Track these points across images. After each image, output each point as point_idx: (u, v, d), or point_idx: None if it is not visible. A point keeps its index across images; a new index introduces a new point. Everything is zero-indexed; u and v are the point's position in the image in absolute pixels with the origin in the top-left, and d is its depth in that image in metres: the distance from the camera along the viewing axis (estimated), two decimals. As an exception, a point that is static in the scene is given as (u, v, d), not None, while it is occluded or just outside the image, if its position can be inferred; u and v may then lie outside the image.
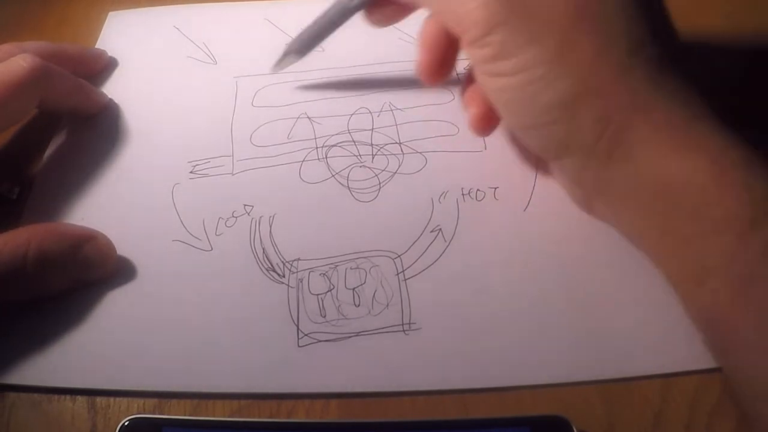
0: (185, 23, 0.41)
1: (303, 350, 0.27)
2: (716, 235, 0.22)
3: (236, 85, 0.37)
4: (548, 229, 0.30)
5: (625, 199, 0.25)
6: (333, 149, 0.34)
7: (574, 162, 0.26)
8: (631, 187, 0.24)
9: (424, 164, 0.33)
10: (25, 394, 0.26)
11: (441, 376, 0.26)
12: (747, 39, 0.39)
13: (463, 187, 0.32)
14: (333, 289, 0.29)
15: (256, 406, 0.26)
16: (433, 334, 0.27)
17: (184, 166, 0.33)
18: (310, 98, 0.36)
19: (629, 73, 0.24)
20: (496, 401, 0.26)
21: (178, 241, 0.30)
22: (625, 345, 0.27)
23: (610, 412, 0.25)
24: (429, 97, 0.36)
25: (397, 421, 0.25)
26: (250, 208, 0.31)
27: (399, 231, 0.30)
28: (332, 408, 0.26)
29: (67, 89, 0.33)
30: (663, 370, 0.26)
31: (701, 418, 0.25)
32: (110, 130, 0.35)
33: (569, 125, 0.24)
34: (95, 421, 0.25)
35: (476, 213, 0.31)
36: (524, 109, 0.25)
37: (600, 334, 0.27)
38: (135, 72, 0.38)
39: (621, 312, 0.28)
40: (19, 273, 0.26)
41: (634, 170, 0.24)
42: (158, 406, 0.26)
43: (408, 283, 0.29)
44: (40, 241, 0.26)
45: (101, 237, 0.28)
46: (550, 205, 0.31)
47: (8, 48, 0.32)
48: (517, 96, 0.25)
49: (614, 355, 0.26)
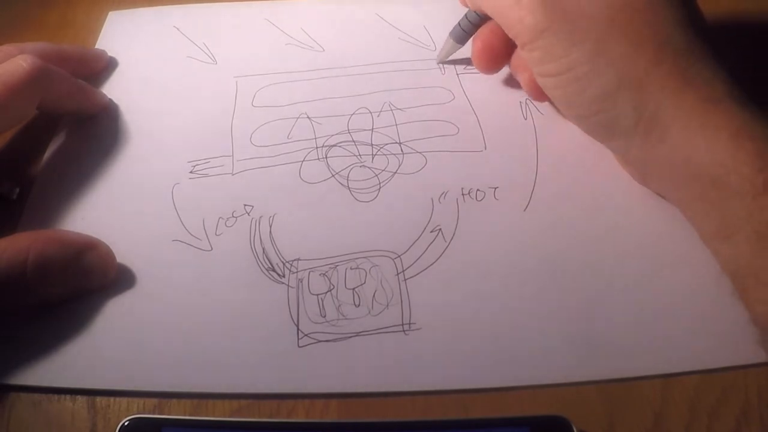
0: (185, 23, 0.41)
1: (303, 350, 0.27)
2: (736, 198, 0.26)
3: (236, 85, 0.37)
4: (548, 229, 0.30)
5: (664, 172, 0.29)
6: (333, 149, 0.34)
7: (620, 144, 0.30)
8: (667, 162, 0.28)
9: (424, 164, 0.33)
10: (25, 394, 0.26)
11: (441, 376, 0.26)
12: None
13: (463, 187, 0.32)
14: (333, 289, 0.29)
15: (256, 406, 0.26)
16: (433, 334, 0.27)
17: (184, 166, 0.33)
18: (310, 98, 0.36)
19: (659, 66, 0.27)
20: (496, 401, 0.26)
21: (178, 241, 0.30)
22: (625, 345, 0.27)
23: (610, 412, 0.25)
24: (429, 97, 0.36)
25: (397, 421, 0.25)
26: (250, 208, 0.31)
27: (399, 231, 0.30)
28: (332, 408, 0.26)
29: (67, 90, 0.33)
30: (663, 370, 0.26)
31: (701, 418, 0.25)
32: (110, 130, 0.35)
33: (612, 114, 0.28)
34: (95, 421, 0.25)
35: (476, 213, 0.31)
36: (573, 103, 0.30)
37: (600, 334, 0.27)
38: (135, 72, 0.38)
39: (621, 312, 0.28)
40: (18, 279, 0.25)
41: (669, 148, 0.27)
42: (158, 406, 0.26)
43: (408, 283, 0.29)
44: (41, 248, 0.26)
45: (102, 246, 0.28)
46: (550, 205, 0.31)
47: (8, 49, 0.32)
48: (566, 92, 0.29)
49: (614, 355, 0.26)
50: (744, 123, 0.26)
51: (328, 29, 0.40)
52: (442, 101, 0.36)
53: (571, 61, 0.28)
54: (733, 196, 0.26)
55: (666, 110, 0.27)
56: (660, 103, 0.27)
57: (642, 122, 0.28)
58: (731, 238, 0.26)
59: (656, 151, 0.28)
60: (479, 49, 0.34)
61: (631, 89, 0.27)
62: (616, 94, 0.28)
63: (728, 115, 0.26)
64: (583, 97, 0.29)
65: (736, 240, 0.26)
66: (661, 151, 0.28)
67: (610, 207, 0.31)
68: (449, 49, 0.37)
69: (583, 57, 0.28)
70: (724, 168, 0.26)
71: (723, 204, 0.26)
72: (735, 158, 0.26)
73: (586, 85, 0.28)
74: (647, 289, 0.28)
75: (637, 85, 0.27)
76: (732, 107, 0.27)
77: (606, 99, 0.28)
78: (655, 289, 0.28)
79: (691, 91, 0.27)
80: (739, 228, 0.26)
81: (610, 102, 0.28)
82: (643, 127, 0.28)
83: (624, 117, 0.28)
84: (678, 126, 0.27)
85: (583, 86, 0.28)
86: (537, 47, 0.29)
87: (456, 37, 0.36)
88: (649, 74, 0.27)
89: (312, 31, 0.40)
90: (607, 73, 0.28)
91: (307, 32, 0.40)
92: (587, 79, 0.28)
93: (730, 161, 0.26)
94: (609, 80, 0.28)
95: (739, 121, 0.26)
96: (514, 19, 0.29)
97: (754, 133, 0.26)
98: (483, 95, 0.36)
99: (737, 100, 0.27)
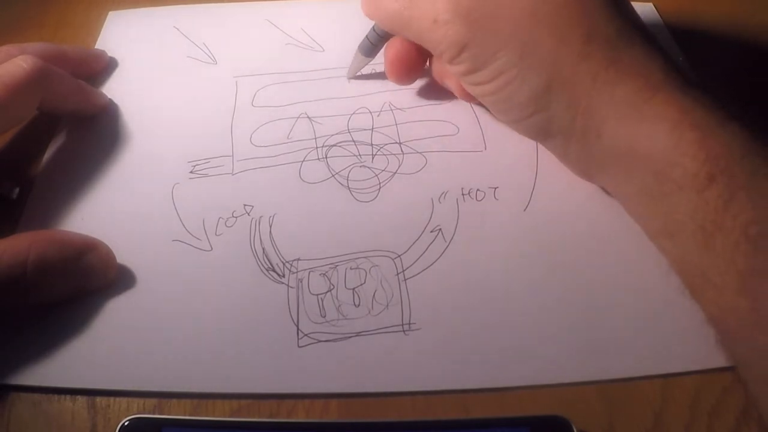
0: (185, 23, 0.41)
1: (303, 350, 0.27)
2: (679, 193, 0.25)
3: (236, 85, 0.37)
4: (548, 229, 0.30)
5: (606, 168, 0.28)
6: (333, 149, 0.34)
7: (558, 144, 0.29)
8: (608, 158, 0.27)
9: (424, 164, 0.33)
10: (25, 394, 0.26)
11: (441, 376, 0.26)
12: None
13: (463, 187, 0.32)
14: (333, 289, 0.29)
15: (256, 406, 0.26)
16: (433, 334, 0.27)
17: (184, 166, 0.33)
18: (310, 98, 0.36)
19: (588, 59, 0.26)
20: (496, 401, 0.26)
21: (178, 241, 0.30)
22: (625, 345, 0.27)
23: (610, 412, 0.25)
24: (429, 97, 0.36)
25: (397, 421, 0.25)
26: (250, 208, 0.31)
27: (399, 231, 0.30)
28: (332, 408, 0.26)
29: (67, 90, 0.33)
30: (663, 370, 0.26)
31: (701, 418, 0.25)
32: (110, 130, 0.35)
33: (546, 114, 0.28)
34: (95, 421, 0.25)
35: (476, 213, 0.31)
36: (507, 108, 0.29)
37: (600, 334, 0.27)
38: (135, 72, 0.38)
39: (621, 312, 0.28)
40: (18, 280, 0.25)
41: (608, 144, 0.27)
42: (158, 406, 0.26)
43: (408, 283, 0.29)
44: (41, 249, 0.26)
45: (102, 246, 0.28)
46: (550, 205, 0.31)
47: (8, 49, 0.32)
48: (498, 98, 0.29)
49: (614, 355, 0.26)
50: (685, 111, 0.25)
51: (328, 29, 0.40)
52: (442, 101, 0.36)
53: (498, 67, 0.27)
54: (677, 191, 0.25)
55: (600, 105, 0.26)
56: (593, 99, 0.26)
57: (577, 120, 0.27)
58: (676, 235, 0.25)
59: (595, 148, 0.27)
60: (391, 62, 0.34)
61: (562, 87, 0.27)
62: (547, 94, 0.27)
63: (667, 104, 0.25)
64: (515, 101, 0.28)
65: (682, 237, 0.25)
66: (600, 147, 0.27)
67: (610, 206, 0.31)
68: (358, 64, 0.36)
69: (509, 62, 0.27)
70: (666, 161, 0.25)
71: (667, 199, 0.25)
72: (677, 150, 0.25)
73: (516, 89, 0.27)
74: (648, 288, 0.28)
75: (567, 82, 0.27)
76: (671, 95, 0.25)
77: (538, 100, 0.27)
78: (656, 289, 0.28)
79: (625, 83, 0.26)
80: (684, 225, 0.25)
81: (543, 103, 0.27)
82: (580, 124, 0.27)
83: (559, 117, 0.27)
84: (614, 120, 0.26)
85: (513, 91, 0.28)
86: (462, 60, 0.28)
87: (364, 51, 0.35)
88: (578, 70, 0.26)
89: (312, 31, 0.40)
90: (536, 74, 0.27)
91: (307, 32, 0.40)
92: (517, 83, 0.27)
93: (672, 154, 0.25)
94: (538, 81, 0.27)
95: (679, 109, 0.25)
96: (435, 40, 0.29)
97: (697, 121, 0.25)
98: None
99: (677, 87, 0.26)
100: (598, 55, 0.26)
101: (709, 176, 0.24)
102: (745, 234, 0.23)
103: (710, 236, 0.24)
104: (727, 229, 0.23)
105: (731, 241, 0.23)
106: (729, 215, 0.23)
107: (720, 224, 0.23)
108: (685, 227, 0.25)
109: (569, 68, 0.26)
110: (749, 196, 0.23)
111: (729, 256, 0.23)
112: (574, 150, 0.28)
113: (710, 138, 0.24)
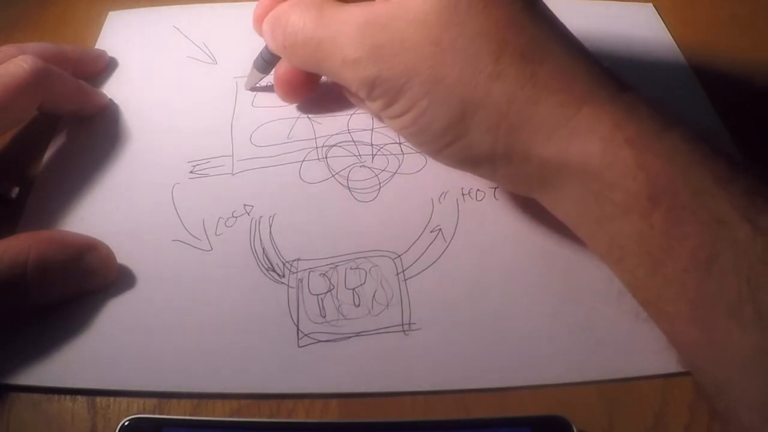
0: (185, 23, 0.41)
1: (303, 350, 0.27)
2: (622, 216, 0.23)
3: (236, 85, 0.37)
4: (548, 229, 0.30)
5: (542, 191, 0.26)
6: (333, 149, 0.34)
7: (486, 170, 0.27)
8: (542, 180, 0.26)
9: (424, 164, 0.33)
10: (25, 394, 0.26)
11: (441, 376, 0.26)
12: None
13: (463, 187, 0.32)
14: (333, 289, 0.29)
15: (256, 406, 0.26)
16: (433, 334, 0.27)
17: (184, 166, 0.33)
18: (310, 98, 0.36)
19: (500, 79, 0.24)
20: (496, 401, 0.26)
21: (178, 241, 0.30)
22: (625, 345, 0.27)
23: (610, 412, 0.25)
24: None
25: (397, 421, 0.25)
26: (250, 208, 0.31)
27: (399, 231, 0.30)
28: (332, 408, 0.26)
29: (67, 91, 0.33)
30: (663, 370, 0.26)
31: (701, 419, 0.25)
32: (110, 130, 0.35)
33: (466, 141, 0.26)
34: (95, 421, 0.25)
35: (476, 213, 0.31)
36: (427, 139, 0.27)
37: (600, 334, 0.27)
38: (135, 72, 0.38)
39: (622, 312, 0.27)
40: (18, 280, 0.25)
41: (537, 166, 0.25)
42: (158, 406, 0.26)
43: (408, 283, 0.29)
44: (42, 249, 0.26)
45: (102, 247, 0.28)
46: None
47: (8, 49, 0.32)
48: (416, 130, 0.27)
49: (614, 355, 0.26)
50: (616, 125, 0.23)
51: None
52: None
53: (410, 98, 0.26)
54: (621, 215, 0.23)
55: (521, 126, 0.24)
56: (512, 120, 0.24)
57: (498, 144, 0.25)
58: (623, 261, 0.24)
59: (526, 171, 0.25)
60: (278, 82, 0.34)
61: (477, 112, 0.25)
62: (463, 121, 0.25)
63: (595, 118, 0.23)
64: (432, 131, 0.26)
65: (630, 263, 0.23)
66: (529, 170, 0.25)
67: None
68: (253, 79, 0.36)
69: (419, 92, 0.26)
70: (604, 183, 0.23)
71: (610, 223, 0.23)
72: (613, 171, 0.22)
73: (430, 119, 0.26)
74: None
75: (481, 106, 0.25)
76: (599, 107, 0.23)
77: (455, 128, 0.26)
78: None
79: (545, 100, 0.24)
80: (630, 250, 0.23)
81: (461, 130, 0.26)
82: (501, 148, 0.25)
83: (479, 143, 0.25)
84: (540, 142, 0.24)
85: (428, 121, 0.26)
86: (375, 97, 0.27)
87: (258, 67, 0.35)
88: (492, 91, 0.24)
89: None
90: (448, 100, 0.25)
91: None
92: (431, 112, 0.26)
93: (608, 175, 0.23)
94: (452, 107, 0.25)
95: (609, 123, 0.23)
96: (348, 80, 0.28)
97: (631, 136, 0.22)
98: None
99: (605, 97, 0.24)
100: (511, 72, 0.24)
101: (651, 198, 0.22)
102: (693, 259, 0.21)
103: (659, 263, 0.22)
104: (675, 255, 0.22)
105: (679, 267, 0.22)
106: (675, 240, 0.22)
107: (668, 249, 0.22)
108: (630, 253, 0.23)
109: (481, 91, 0.24)
110: (696, 217, 0.21)
111: (679, 284, 0.22)
112: (504, 174, 0.27)
113: (647, 153, 0.22)
